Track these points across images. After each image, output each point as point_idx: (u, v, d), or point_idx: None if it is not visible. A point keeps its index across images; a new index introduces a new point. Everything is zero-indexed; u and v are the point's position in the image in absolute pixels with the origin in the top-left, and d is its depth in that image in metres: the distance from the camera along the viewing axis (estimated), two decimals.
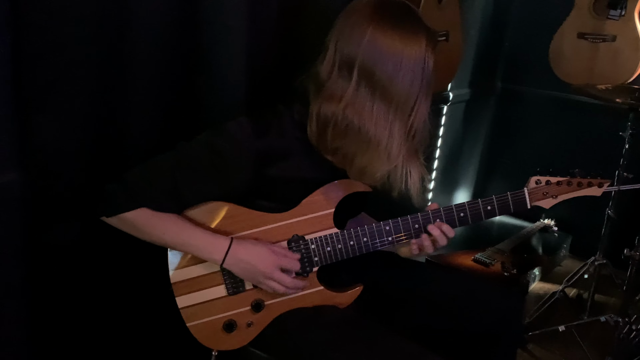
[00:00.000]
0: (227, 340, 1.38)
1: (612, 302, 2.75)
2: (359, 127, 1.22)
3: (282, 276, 1.31)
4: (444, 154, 3.09)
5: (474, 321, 1.49)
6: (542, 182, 1.43)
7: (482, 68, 3.18)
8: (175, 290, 1.35)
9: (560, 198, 1.45)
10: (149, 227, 1.26)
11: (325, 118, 1.24)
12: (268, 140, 1.28)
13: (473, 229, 3.30)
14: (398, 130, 1.24)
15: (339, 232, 1.38)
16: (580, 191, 1.45)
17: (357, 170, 1.28)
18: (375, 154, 1.24)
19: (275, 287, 1.31)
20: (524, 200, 1.41)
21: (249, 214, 1.35)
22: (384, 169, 1.26)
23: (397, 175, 1.28)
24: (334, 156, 1.30)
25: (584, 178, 1.44)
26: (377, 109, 1.21)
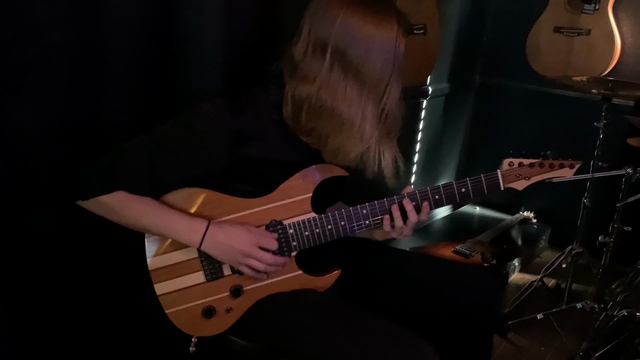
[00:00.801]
0: (206, 326, 1.38)
1: (590, 291, 2.79)
2: (332, 108, 1.24)
3: (260, 253, 1.32)
4: (424, 147, 3.12)
5: (452, 304, 1.50)
6: (515, 164, 1.45)
7: (461, 62, 3.22)
8: (153, 277, 1.35)
9: (532, 180, 1.47)
10: (126, 211, 1.26)
11: (300, 99, 1.25)
12: (244, 120, 1.29)
13: (454, 221, 3.35)
14: (371, 112, 1.26)
15: (316, 216, 1.39)
16: (552, 172, 1.47)
17: (331, 151, 1.30)
18: (348, 135, 1.26)
19: (256, 265, 1.32)
20: (497, 182, 1.43)
21: (227, 200, 1.36)
22: (357, 149, 1.28)
23: (370, 156, 1.30)
24: (309, 137, 1.31)
25: (556, 159, 1.46)
26: (350, 90, 1.23)
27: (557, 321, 2.38)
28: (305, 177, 1.38)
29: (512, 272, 2.95)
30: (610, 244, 2.04)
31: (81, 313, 1.49)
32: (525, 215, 3.29)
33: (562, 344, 2.34)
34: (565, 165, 1.47)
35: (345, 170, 1.40)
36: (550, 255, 3.11)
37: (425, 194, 1.41)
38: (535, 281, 2.64)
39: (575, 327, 2.45)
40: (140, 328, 1.57)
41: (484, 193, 1.44)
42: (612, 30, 2.81)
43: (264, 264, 1.32)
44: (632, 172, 1.92)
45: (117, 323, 1.55)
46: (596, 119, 2.35)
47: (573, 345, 2.31)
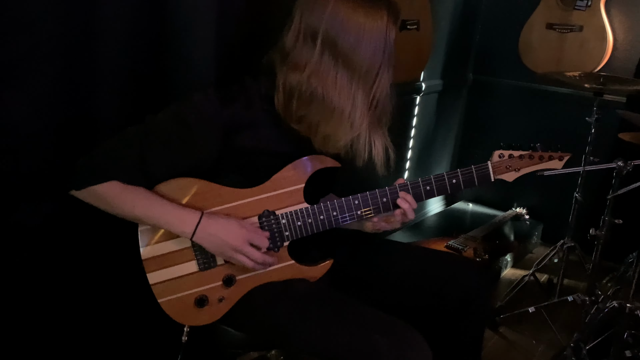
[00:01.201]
0: (198, 315, 1.39)
1: (582, 286, 2.82)
2: (322, 96, 1.25)
3: (251, 250, 1.32)
4: (417, 144, 3.13)
5: (443, 297, 1.51)
6: (505, 156, 1.47)
7: (454, 60, 3.24)
8: (146, 267, 1.35)
9: (522, 171, 1.48)
10: (119, 201, 1.27)
11: (291, 87, 1.27)
12: (234, 110, 1.30)
13: (446, 217, 3.37)
14: (361, 100, 1.27)
15: (309, 206, 1.40)
16: (542, 164, 1.49)
17: (321, 139, 1.31)
18: (338, 123, 1.27)
19: (245, 262, 1.33)
20: (488, 174, 1.45)
21: (220, 190, 1.36)
22: (347, 137, 1.29)
23: (360, 144, 1.32)
24: (300, 125, 1.32)
25: (545, 152, 1.48)
26: (340, 78, 1.25)
27: (549, 315, 2.40)
28: (298, 168, 1.39)
29: (505, 268, 2.97)
30: (601, 237, 2.05)
31: (74, 304, 1.49)
32: (518, 212, 3.31)
33: (554, 338, 2.36)
34: (555, 157, 1.49)
35: (336, 159, 1.41)
36: (543, 252, 3.12)
37: (417, 185, 1.43)
38: (527, 275, 2.65)
39: (566, 321, 2.48)
40: (133, 318, 1.58)
41: (475, 184, 1.45)
42: (604, 26, 2.83)
43: (252, 261, 1.33)
44: (623, 165, 1.93)
45: (110, 313, 1.56)
46: (588, 115, 2.37)
47: (564, 339, 2.33)
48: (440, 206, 3.60)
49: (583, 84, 2.28)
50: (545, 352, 2.31)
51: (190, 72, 1.53)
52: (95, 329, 1.54)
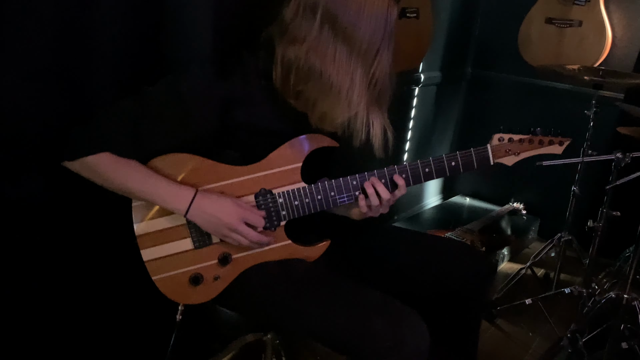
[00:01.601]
0: (193, 294, 1.37)
1: (578, 281, 2.81)
2: (320, 71, 1.23)
3: (246, 229, 1.31)
4: (415, 136, 3.12)
5: (441, 282, 1.50)
6: (505, 140, 1.45)
7: (453, 53, 3.23)
8: (140, 243, 1.33)
9: (522, 155, 1.47)
10: (112, 173, 1.25)
11: (289, 61, 1.25)
12: (231, 84, 1.28)
13: (443, 211, 3.36)
14: (360, 78, 1.26)
15: (306, 186, 1.38)
16: (542, 149, 1.48)
17: (318, 116, 1.30)
18: (336, 100, 1.26)
19: (240, 240, 1.31)
20: (487, 156, 1.43)
21: (215, 167, 1.35)
22: (344, 115, 1.28)
23: (358, 124, 1.30)
24: (297, 101, 1.31)
25: (545, 136, 1.47)
26: (339, 54, 1.23)
27: (546, 307, 2.39)
28: (296, 147, 1.38)
29: (501, 261, 2.97)
30: (599, 229, 2.04)
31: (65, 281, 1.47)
32: (515, 207, 3.30)
33: (550, 330, 2.35)
34: (555, 142, 1.48)
35: (333, 139, 1.39)
36: (539, 247, 3.11)
37: (416, 166, 1.41)
38: (523, 268, 2.65)
39: (563, 314, 2.46)
40: (127, 295, 1.56)
41: (474, 167, 1.44)
42: (604, 22, 2.82)
43: (247, 240, 1.31)
44: (621, 157, 1.93)
45: (103, 290, 1.54)
46: (586, 110, 2.36)
47: (561, 331, 2.32)
48: (437, 199, 3.59)
49: (583, 76, 2.27)
50: (541, 343, 2.30)
51: (186, 44, 1.51)
52: (88, 306, 1.52)
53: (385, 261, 1.54)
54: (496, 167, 1.42)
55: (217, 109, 1.28)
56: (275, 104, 1.32)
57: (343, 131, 1.33)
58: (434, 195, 3.58)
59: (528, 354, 2.25)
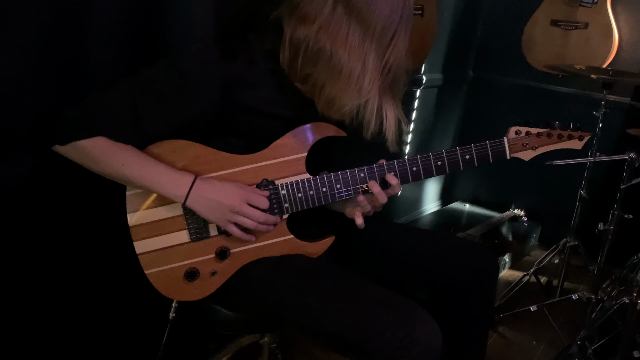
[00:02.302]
0: (188, 290, 1.28)
1: (581, 288, 2.74)
2: (331, 54, 1.15)
3: (251, 210, 1.22)
4: (416, 138, 3.05)
5: (448, 278, 1.42)
6: (522, 133, 1.38)
7: (455, 55, 3.17)
8: (133, 235, 1.24)
9: (540, 150, 1.40)
10: (107, 158, 1.16)
11: (298, 41, 1.17)
12: (236, 65, 1.20)
13: (443, 216, 3.28)
14: (372, 64, 1.18)
15: (310, 177, 1.30)
16: (560, 143, 1.40)
17: (325, 101, 1.21)
18: (345, 85, 1.17)
19: (245, 222, 1.22)
20: (504, 150, 1.36)
21: (216, 155, 1.26)
22: (353, 102, 1.19)
23: (368, 113, 1.21)
24: (304, 85, 1.22)
25: (564, 130, 1.40)
26: (352, 36, 1.15)
27: (551, 315, 2.32)
28: (301, 136, 1.30)
29: (503, 268, 2.89)
30: (610, 232, 1.97)
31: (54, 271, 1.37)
32: (516, 213, 3.23)
33: (555, 337, 2.28)
34: (575, 137, 1.41)
35: (342, 129, 1.31)
36: (540, 254, 3.05)
37: (428, 159, 1.33)
38: (527, 274, 2.57)
39: (567, 321, 2.39)
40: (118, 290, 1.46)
41: (489, 161, 1.37)
42: (610, 24, 2.77)
43: (254, 221, 1.22)
44: (635, 157, 1.86)
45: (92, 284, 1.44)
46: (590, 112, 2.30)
47: (567, 339, 2.25)
48: (436, 205, 3.52)
49: (592, 76, 2.22)
50: (546, 351, 2.22)
51: (188, 27, 1.43)
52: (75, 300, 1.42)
53: (390, 257, 1.45)
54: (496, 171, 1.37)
55: (220, 88, 1.19)
56: (282, 88, 1.24)
57: (351, 120, 1.24)
58: (432, 202, 3.50)
59: None
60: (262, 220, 1.23)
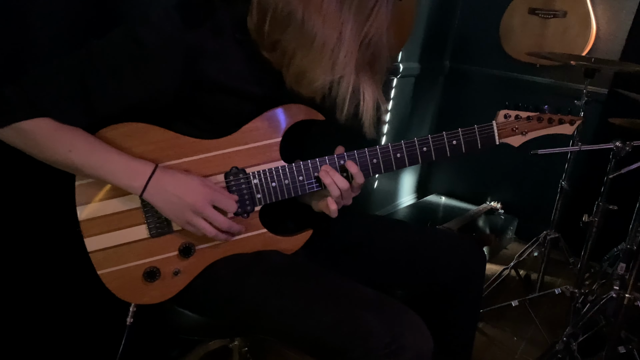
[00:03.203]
0: (148, 291, 1.14)
1: (559, 282, 2.69)
2: (302, 19, 1.02)
3: (214, 214, 1.09)
4: (392, 129, 2.95)
5: (433, 274, 1.32)
6: (512, 117, 1.28)
7: (432, 45, 3.08)
8: (83, 230, 1.10)
9: (529, 135, 1.30)
10: (52, 142, 1.02)
11: (266, 4, 1.04)
12: (201, 34, 1.06)
13: (418, 210, 3.20)
14: (350, 35, 1.05)
15: (285, 165, 1.17)
16: (551, 128, 1.31)
17: (294, 74, 1.09)
18: (317, 57, 1.05)
19: (204, 228, 1.09)
20: (492, 135, 1.26)
21: (178, 140, 1.12)
22: (325, 78, 1.06)
23: (342, 91, 1.09)
24: (272, 54, 1.09)
25: (555, 114, 1.30)
26: (328, 1, 1.02)
27: (531, 310, 2.25)
28: (274, 119, 1.17)
29: None
30: (595, 224, 1.90)
31: None
32: (493, 206, 3.17)
33: (535, 334, 2.22)
34: (566, 121, 1.32)
35: (310, 106, 1.18)
36: (517, 248, 3.00)
37: (412, 145, 1.22)
38: (506, 269, 2.50)
39: (548, 316, 2.33)
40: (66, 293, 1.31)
41: (477, 147, 1.26)
42: (589, 12, 2.72)
43: (213, 229, 1.09)
44: (620, 146, 1.79)
45: (38, 285, 1.29)
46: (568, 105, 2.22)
47: (548, 334, 2.18)
48: (412, 199, 3.43)
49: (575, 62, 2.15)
50: (527, 348, 2.15)
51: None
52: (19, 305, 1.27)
53: (371, 253, 1.34)
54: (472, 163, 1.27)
55: (183, 61, 1.05)
56: (252, 61, 1.11)
57: (323, 98, 1.12)
58: (408, 195, 3.41)
59: (514, 359, 2.09)
60: (224, 227, 1.10)
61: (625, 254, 2.15)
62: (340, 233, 1.36)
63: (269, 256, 1.17)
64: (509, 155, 3.14)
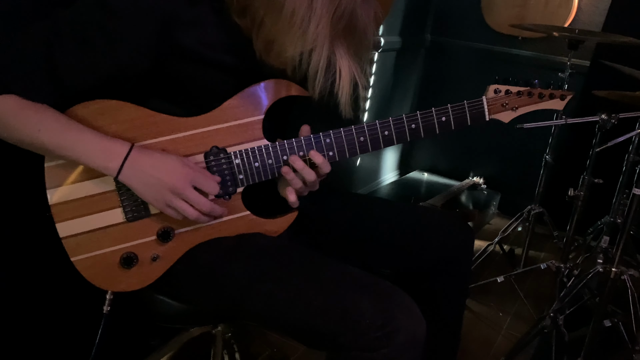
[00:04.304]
0: (124, 278, 1.08)
1: (543, 256, 2.70)
2: None
3: (196, 195, 1.03)
4: (374, 103, 2.90)
5: (420, 253, 1.29)
6: (502, 92, 1.24)
7: (412, 19, 3.02)
8: (55, 215, 1.03)
9: (520, 111, 1.26)
10: (19, 122, 0.94)
11: None
12: (175, 2, 0.98)
13: (401, 187, 3.17)
14: (321, 3, 0.98)
15: (269, 144, 1.11)
16: (542, 103, 1.27)
17: (263, 42, 1.02)
18: (287, 26, 0.98)
19: (185, 210, 1.03)
20: (482, 111, 1.21)
21: (154, 118, 1.06)
22: (295, 48, 1.00)
23: (313, 64, 1.02)
24: (242, 19, 1.03)
25: (545, 89, 1.26)
26: None
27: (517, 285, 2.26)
28: (256, 95, 1.11)
29: None
30: (580, 198, 1.88)
31: None
32: (475, 181, 3.15)
33: (520, 309, 2.22)
34: (556, 96, 1.28)
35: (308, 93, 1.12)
36: (500, 223, 3.00)
37: (400, 122, 1.17)
38: (491, 244, 2.49)
39: (533, 291, 2.33)
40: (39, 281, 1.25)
41: (467, 123, 1.21)
42: None
43: (196, 210, 1.03)
44: (606, 118, 1.76)
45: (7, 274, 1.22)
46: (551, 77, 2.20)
47: (533, 310, 2.18)
48: (394, 175, 3.40)
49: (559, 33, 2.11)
50: (513, 323, 2.15)
51: None
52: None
53: (357, 233, 1.30)
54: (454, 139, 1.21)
55: (157, 29, 0.98)
56: (230, 32, 1.04)
57: (294, 70, 1.05)
58: (390, 171, 3.38)
59: (500, 335, 2.09)
60: (206, 210, 1.04)
61: (609, 227, 2.16)
62: (325, 213, 1.31)
63: (252, 239, 1.12)
64: (490, 130, 3.13)
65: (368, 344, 0.94)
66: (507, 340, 2.03)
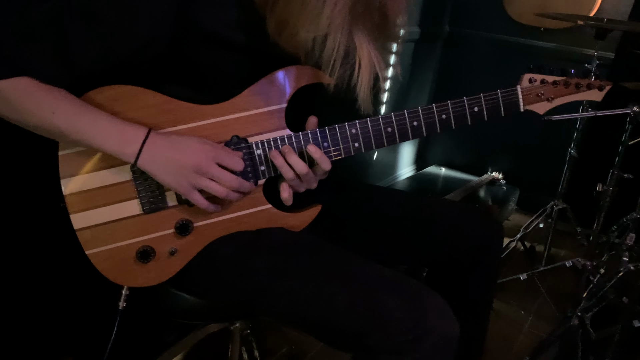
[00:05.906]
0: (141, 273, 1.04)
1: (564, 254, 2.63)
2: None
3: (222, 172, 0.97)
4: (392, 95, 2.84)
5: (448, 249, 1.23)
6: (537, 81, 1.18)
7: (430, 9, 2.94)
8: (69, 206, 0.99)
9: (555, 102, 1.20)
10: (32, 104, 0.90)
11: None
12: None
13: (418, 181, 3.11)
14: None
15: (292, 134, 1.06)
16: (579, 94, 1.21)
17: (276, 22, 0.96)
18: (300, 7, 0.92)
19: (213, 188, 0.97)
20: (517, 101, 1.15)
21: (170, 104, 1.01)
22: (308, 31, 0.93)
23: (328, 50, 0.96)
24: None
25: (583, 79, 1.20)
26: None
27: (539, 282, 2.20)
28: (278, 83, 1.05)
29: None
30: (609, 193, 1.81)
31: None
32: (494, 176, 3.08)
33: (542, 307, 2.16)
34: (595, 86, 1.22)
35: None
36: (519, 219, 2.94)
37: (430, 112, 1.11)
38: (513, 241, 2.43)
39: (556, 289, 2.27)
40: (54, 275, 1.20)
41: (501, 114, 1.16)
42: None
43: (224, 187, 0.98)
44: (638, 111, 1.69)
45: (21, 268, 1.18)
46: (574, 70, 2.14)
47: (556, 308, 2.12)
48: (411, 170, 3.34)
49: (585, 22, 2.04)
50: (535, 322, 2.09)
51: None
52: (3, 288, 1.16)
53: (381, 227, 1.24)
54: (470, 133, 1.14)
55: (174, 7, 0.93)
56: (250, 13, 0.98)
57: (307, 55, 0.98)
58: (407, 166, 3.32)
59: (522, 333, 2.03)
60: (235, 186, 0.99)
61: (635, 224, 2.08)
62: (348, 205, 1.26)
63: (273, 233, 1.07)
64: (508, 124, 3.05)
65: (397, 346, 0.89)
66: (529, 339, 1.98)
